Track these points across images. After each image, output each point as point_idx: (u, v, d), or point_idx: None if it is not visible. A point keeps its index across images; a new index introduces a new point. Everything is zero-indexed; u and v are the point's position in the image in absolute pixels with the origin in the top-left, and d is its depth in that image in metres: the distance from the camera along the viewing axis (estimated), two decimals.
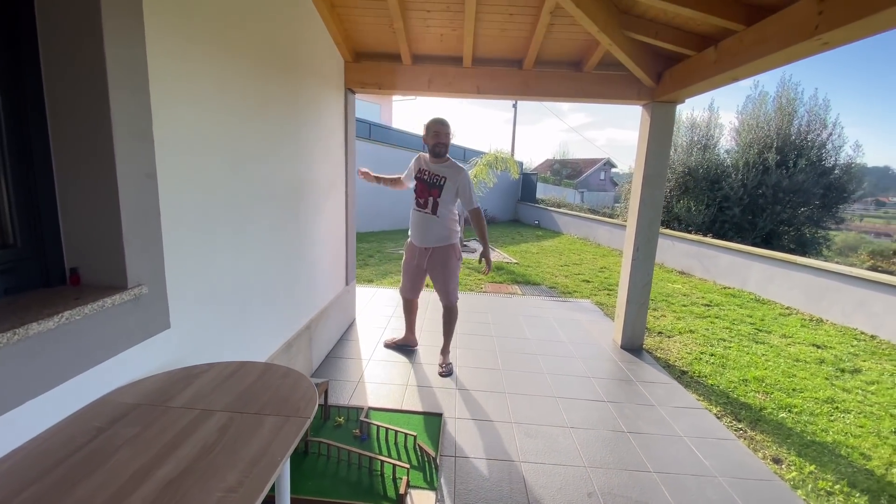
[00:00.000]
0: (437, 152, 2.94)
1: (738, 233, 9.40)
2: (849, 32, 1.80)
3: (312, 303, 2.97)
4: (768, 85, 21.62)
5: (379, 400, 2.71)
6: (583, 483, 2.04)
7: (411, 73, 3.57)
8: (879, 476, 2.26)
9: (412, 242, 3.10)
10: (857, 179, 9.86)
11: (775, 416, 2.80)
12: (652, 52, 3.16)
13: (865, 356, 3.96)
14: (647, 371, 3.33)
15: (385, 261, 7.37)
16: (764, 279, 6.02)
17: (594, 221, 11.44)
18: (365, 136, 11.47)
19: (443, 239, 3.00)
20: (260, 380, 1.36)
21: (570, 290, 5.96)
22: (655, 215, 3.60)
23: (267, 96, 2.17)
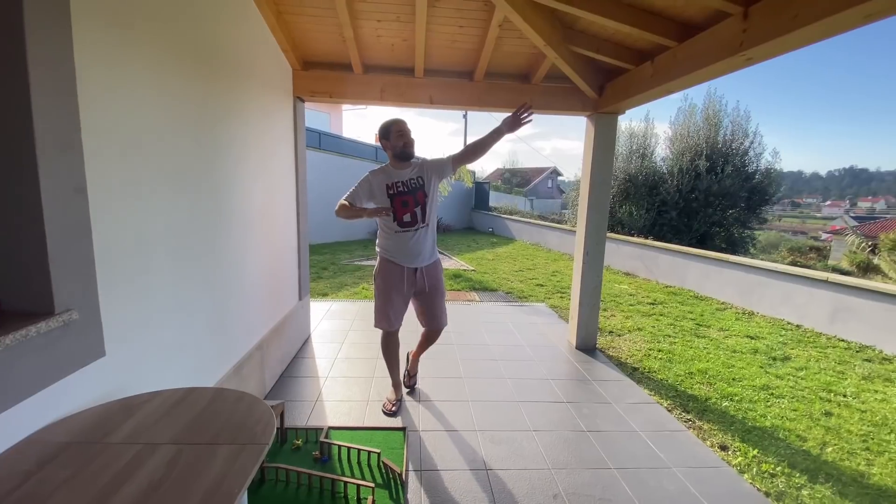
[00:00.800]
0: (408, 154, 2.48)
1: (676, 235, 10.07)
2: (770, 49, 1.98)
3: (263, 321, 2.83)
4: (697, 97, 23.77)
5: (339, 418, 2.61)
6: (548, 485, 2.06)
7: (363, 83, 3.53)
8: (815, 455, 2.46)
9: (396, 265, 2.52)
10: (776, 183, 10.90)
11: (719, 406, 2.99)
12: (595, 66, 3.33)
13: (793, 344, 4.34)
14: (602, 370, 3.46)
15: (339, 273, 7.18)
16: (700, 277, 6.47)
17: (545, 227, 11.82)
18: (315, 145, 11.20)
19: (435, 252, 2.64)
20: (210, 407, 1.26)
21: (526, 294, 6.10)
22: (603, 220, 3.77)
23: (210, 104, 2.06)
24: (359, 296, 5.63)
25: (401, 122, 2.49)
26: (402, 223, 2.48)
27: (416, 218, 2.48)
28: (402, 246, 2.49)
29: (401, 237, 2.48)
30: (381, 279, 2.55)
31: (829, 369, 3.70)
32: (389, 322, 2.55)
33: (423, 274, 2.55)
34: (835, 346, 4.28)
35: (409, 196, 2.47)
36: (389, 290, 2.52)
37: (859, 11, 1.54)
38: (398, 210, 2.46)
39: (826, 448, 2.52)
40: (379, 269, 2.57)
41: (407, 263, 2.51)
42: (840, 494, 2.11)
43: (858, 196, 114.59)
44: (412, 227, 2.48)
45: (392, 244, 2.52)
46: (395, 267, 2.52)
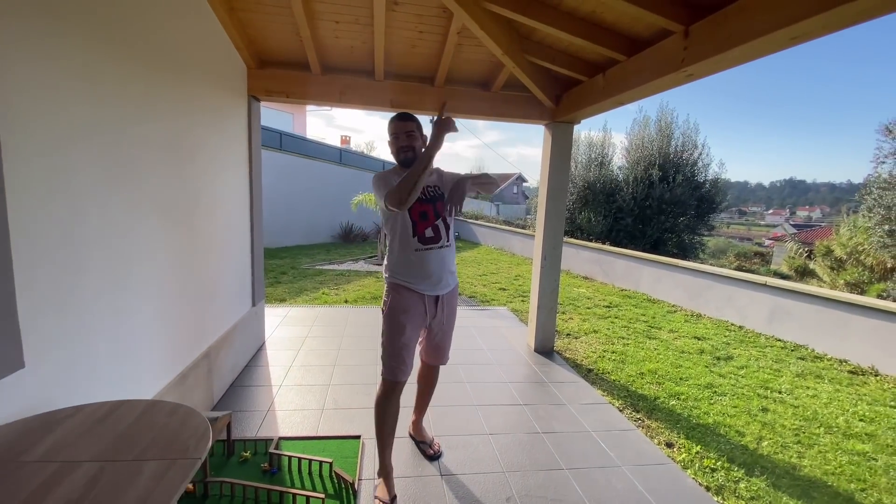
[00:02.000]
0: (402, 163, 2.00)
1: (632, 240, 10.51)
2: (709, 66, 2.10)
3: (211, 328, 2.71)
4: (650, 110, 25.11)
5: (292, 428, 2.53)
6: (502, 489, 2.08)
7: (322, 83, 3.47)
8: (752, 450, 2.61)
9: (414, 294, 1.98)
10: (723, 192, 11.60)
11: (667, 404, 3.12)
12: (551, 77, 3.43)
13: (736, 344, 4.60)
14: (558, 372, 3.54)
15: (299, 277, 6.99)
16: (653, 281, 6.76)
17: (508, 232, 12.01)
18: (275, 146, 10.90)
19: (455, 274, 2.15)
20: (140, 420, 1.19)
21: (489, 298, 6.16)
22: (560, 226, 3.87)
23: (151, 100, 1.95)
24: (318, 301, 5.50)
25: (395, 121, 1.99)
26: (423, 238, 1.97)
27: (439, 233, 2.00)
28: (423, 268, 1.96)
29: (421, 257, 1.95)
30: (397, 312, 1.95)
31: (766, 367, 3.94)
32: (405, 367, 1.96)
33: (443, 303, 2.06)
34: (772, 346, 4.58)
35: (429, 206, 1.99)
36: (405, 326, 1.95)
37: (786, 34, 1.66)
38: (417, 222, 1.96)
39: (762, 442, 2.68)
40: (392, 300, 1.97)
41: (428, 291, 1.99)
42: (773, 486, 2.25)
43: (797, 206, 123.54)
44: (436, 245, 1.98)
45: (409, 266, 1.96)
46: (413, 296, 1.97)
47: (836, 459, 2.50)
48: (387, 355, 1.98)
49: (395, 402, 1.99)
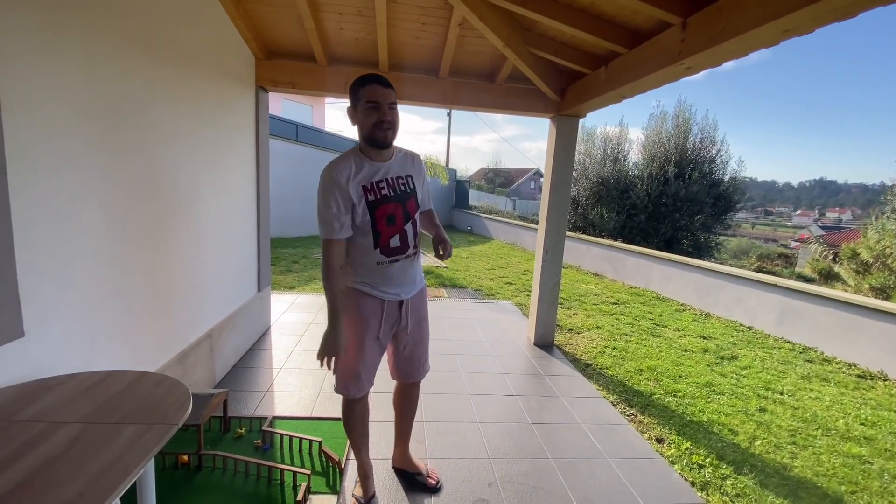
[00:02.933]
0: (379, 142, 1.57)
1: (644, 238, 10.34)
2: (705, 59, 2.07)
3: (214, 310, 2.81)
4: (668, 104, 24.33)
5: (287, 408, 2.62)
6: (485, 474, 2.12)
7: (327, 74, 3.53)
8: (744, 448, 2.59)
9: (372, 299, 1.68)
10: (741, 191, 11.29)
11: (662, 401, 3.11)
12: (555, 69, 3.41)
13: (742, 345, 4.53)
14: (556, 365, 3.55)
15: (310, 266, 7.13)
16: (664, 279, 6.67)
17: (520, 227, 11.96)
18: (291, 137, 11.07)
19: (422, 274, 1.89)
20: (127, 389, 1.27)
21: (494, 292, 6.18)
22: (562, 220, 3.85)
23: (157, 88, 2.04)
24: None
25: (376, 86, 1.53)
26: (386, 250, 1.63)
27: (406, 242, 1.67)
28: (389, 277, 1.68)
29: (383, 270, 1.66)
30: (351, 320, 1.67)
31: (771, 368, 3.87)
32: (360, 384, 1.72)
33: (407, 307, 1.76)
34: (780, 347, 4.49)
35: (397, 206, 1.63)
36: (363, 336, 1.67)
37: (777, 26, 1.64)
38: (382, 229, 1.61)
39: (755, 441, 2.65)
40: (347, 306, 1.66)
41: (389, 295, 1.69)
42: (761, 485, 2.24)
43: (827, 207, 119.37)
44: (401, 255, 1.67)
45: (376, 275, 1.67)
46: (370, 302, 1.68)
47: (829, 461, 2.47)
48: (342, 371, 1.70)
49: (362, 409, 1.81)
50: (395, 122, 1.57)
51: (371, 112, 1.52)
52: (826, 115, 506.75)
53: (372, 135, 1.55)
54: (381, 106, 1.52)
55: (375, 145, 1.58)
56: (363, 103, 1.52)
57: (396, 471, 2.09)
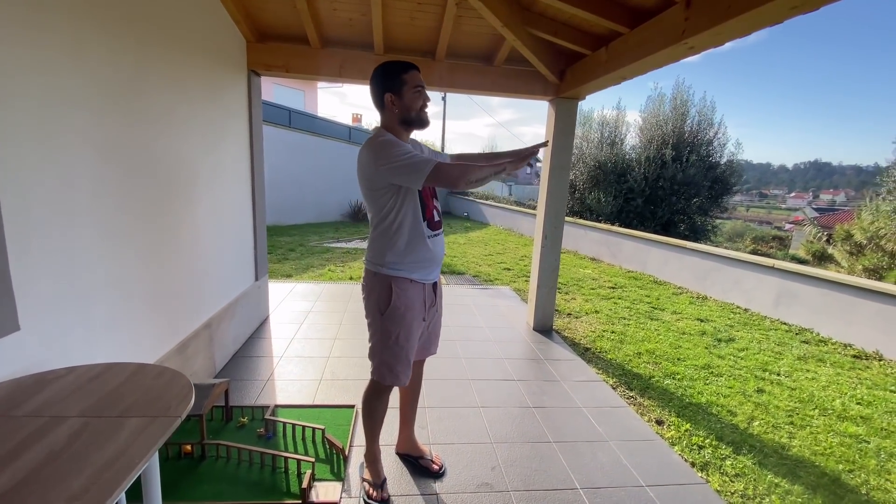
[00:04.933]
0: (425, 121, 1.68)
1: (641, 221, 10.34)
2: (710, 38, 2.03)
3: (213, 300, 2.78)
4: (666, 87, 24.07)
5: (289, 397, 2.62)
6: (488, 458, 2.14)
7: (321, 57, 3.44)
8: (742, 429, 2.62)
9: (418, 286, 1.72)
10: (738, 174, 11.27)
11: (661, 383, 3.13)
12: (554, 50, 3.34)
13: (739, 327, 4.57)
14: (555, 350, 3.57)
15: (307, 255, 7.09)
16: (661, 263, 6.69)
17: (518, 213, 11.93)
18: (284, 123, 10.90)
19: None
20: (128, 381, 1.25)
21: (493, 277, 6.18)
22: (562, 204, 3.83)
23: (147, 74, 1.97)
24: (324, 277, 5.59)
25: (416, 72, 1.64)
26: (432, 223, 1.72)
27: (440, 215, 1.83)
28: (430, 255, 1.71)
29: (431, 244, 1.71)
30: (402, 311, 1.67)
31: (768, 350, 3.91)
32: (406, 373, 1.75)
33: (438, 287, 1.87)
34: (777, 329, 4.53)
35: (431, 189, 1.75)
36: (411, 322, 1.70)
37: (785, 3, 1.60)
38: (427, 202, 1.69)
39: (753, 422, 2.69)
40: (395, 298, 1.65)
41: (429, 278, 1.76)
42: (759, 464, 2.27)
43: (821, 189, 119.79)
44: (440, 229, 1.79)
45: (417, 256, 1.68)
46: (416, 288, 1.71)
47: (826, 440, 2.50)
48: (393, 360, 1.70)
49: (388, 396, 1.84)
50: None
51: (417, 96, 1.63)
52: (822, 97, 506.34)
53: (420, 117, 1.65)
54: (423, 90, 1.65)
55: (420, 126, 1.68)
56: (409, 88, 1.61)
57: (401, 456, 2.10)
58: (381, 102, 1.64)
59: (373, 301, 1.70)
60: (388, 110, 1.63)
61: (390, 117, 1.65)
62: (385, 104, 1.63)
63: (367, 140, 1.64)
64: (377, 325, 1.70)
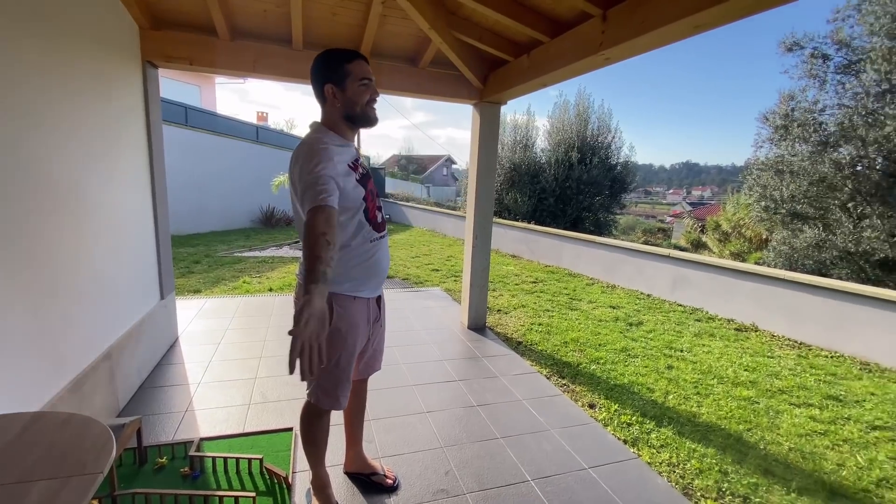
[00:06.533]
0: (373, 118, 1.53)
1: (554, 219, 11.10)
2: (625, 50, 2.21)
3: (110, 326, 2.39)
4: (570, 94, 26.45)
5: (215, 427, 2.34)
6: (440, 463, 2.11)
7: (232, 50, 3.14)
8: (661, 403, 2.90)
9: (362, 302, 1.58)
10: (632, 174, 12.61)
11: (588, 369, 3.37)
12: (479, 55, 3.42)
13: (645, 311, 5.08)
14: (490, 346, 3.66)
15: (216, 266, 6.46)
16: (573, 257, 7.21)
17: (440, 214, 12.07)
18: (180, 121, 9.82)
19: None
20: (23, 436, 1.01)
21: (422, 279, 6.17)
22: (489, 205, 3.94)
23: (23, 65, 1.62)
24: (239, 290, 5.13)
25: (363, 62, 1.49)
26: (375, 224, 1.56)
27: (383, 218, 1.65)
28: (376, 263, 1.57)
29: (376, 249, 1.56)
30: (345, 335, 1.53)
31: (670, 330, 4.41)
32: (346, 396, 1.61)
33: (382, 300, 1.75)
34: (675, 310, 5.13)
35: (371, 183, 1.60)
36: (354, 342, 1.57)
37: (689, 22, 1.79)
38: (370, 204, 1.53)
39: (668, 396, 3.00)
40: (339, 320, 1.50)
41: (374, 292, 1.62)
42: (679, 434, 2.53)
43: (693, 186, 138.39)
44: (384, 231, 1.63)
45: (361, 266, 1.53)
46: (361, 307, 1.57)
47: (727, 405, 2.88)
48: (332, 384, 1.55)
49: (328, 419, 1.69)
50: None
51: (364, 90, 1.48)
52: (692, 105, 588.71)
53: (365, 113, 1.50)
54: (372, 83, 1.50)
55: (366, 124, 1.53)
56: (354, 80, 1.46)
57: (350, 475, 1.99)
58: (322, 94, 1.49)
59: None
60: (330, 104, 1.49)
61: (332, 112, 1.50)
62: (326, 97, 1.48)
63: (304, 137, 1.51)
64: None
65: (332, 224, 1.27)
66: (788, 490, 2.08)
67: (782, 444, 2.47)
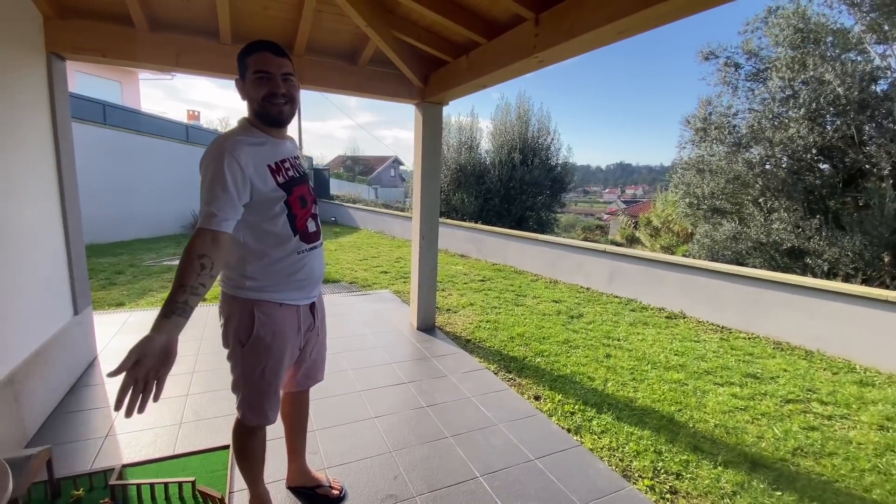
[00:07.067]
0: (278, 119, 1.41)
1: (500, 219, 11.37)
2: (557, 53, 2.30)
3: (15, 346, 2.13)
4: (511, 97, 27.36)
5: (140, 452, 2.15)
6: (389, 469, 2.08)
7: (152, 43, 2.91)
8: (601, 391, 3.05)
9: (290, 309, 1.49)
10: (571, 174, 13.20)
11: (533, 362, 3.47)
12: (419, 55, 3.42)
13: (585, 303, 5.32)
14: (440, 346, 3.67)
15: (141, 276, 5.96)
16: (518, 254, 7.42)
17: (388, 215, 11.95)
18: (97, 119, 8.97)
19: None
20: None
21: (370, 282, 6.06)
22: (435, 206, 3.95)
23: None
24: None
25: (265, 53, 1.36)
26: (305, 235, 1.46)
27: (318, 226, 1.55)
28: (307, 274, 1.49)
29: (304, 261, 1.47)
30: (268, 340, 1.43)
31: (608, 321, 4.65)
32: (275, 410, 1.52)
33: (318, 307, 1.65)
34: (612, 302, 5.42)
35: (304, 187, 1.48)
36: (282, 352, 1.47)
37: (613, 28, 1.90)
38: (298, 212, 1.43)
39: (607, 384, 3.16)
40: (259, 325, 1.41)
41: (305, 299, 1.53)
42: (617, 419, 2.67)
43: (626, 185, 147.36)
44: (317, 241, 1.53)
45: (286, 275, 1.44)
46: (288, 314, 1.48)
47: (660, 389, 3.08)
48: (257, 397, 1.46)
49: (264, 434, 1.58)
50: (292, 96, 1.41)
51: (260, 84, 1.35)
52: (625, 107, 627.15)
53: (263, 109, 1.38)
54: (273, 76, 1.36)
55: (269, 122, 1.41)
56: (251, 73, 1.36)
57: (293, 490, 1.90)
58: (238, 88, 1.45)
59: (231, 330, 1.43)
60: (245, 101, 1.42)
61: (248, 109, 1.43)
62: (239, 92, 1.43)
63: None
64: (237, 358, 1.45)
65: (219, 247, 1.23)
66: (715, 464, 2.26)
67: (709, 421, 2.68)
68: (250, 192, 1.31)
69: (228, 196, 1.25)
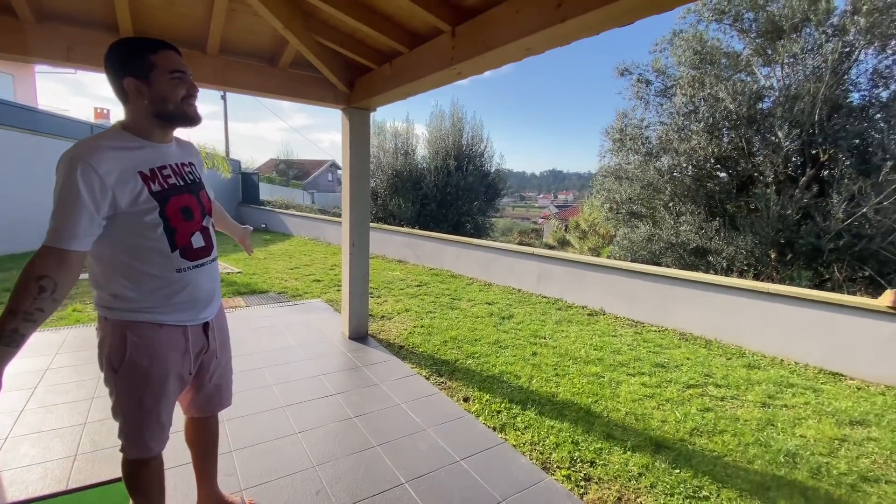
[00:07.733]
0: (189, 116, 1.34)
1: (437, 224, 11.50)
2: (472, 66, 2.39)
3: None
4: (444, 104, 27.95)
5: (26, 490, 1.91)
6: (311, 484, 2.02)
7: (38, 35, 2.62)
8: (526, 388, 3.18)
9: (173, 330, 1.36)
10: (504, 180, 13.68)
11: (465, 364, 3.54)
12: (343, 60, 3.38)
13: (516, 304, 5.53)
14: (372, 354, 3.63)
15: None
16: (454, 259, 7.55)
17: (323, 221, 11.60)
18: None
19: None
20: None
21: (301, 292, 5.85)
22: (365, 211, 3.91)
23: None
24: (67, 321, 4.27)
25: (172, 53, 1.30)
26: (189, 251, 1.35)
27: (210, 240, 1.44)
28: (189, 293, 1.36)
29: (188, 280, 1.35)
30: (146, 369, 1.31)
31: (536, 320, 4.86)
32: (158, 439, 1.39)
33: (213, 328, 1.51)
34: (540, 302, 5.68)
35: (190, 197, 1.37)
36: (163, 377, 1.34)
37: (520, 45, 2.01)
38: (178, 225, 1.32)
39: (532, 381, 3.30)
40: (131, 348, 1.29)
41: (192, 319, 1.40)
42: (540, 414, 2.80)
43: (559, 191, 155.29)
44: (207, 257, 1.42)
45: (162, 293, 1.31)
46: (171, 336, 1.35)
47: (580, 382, 3.28)
48: (134, 427, 1.34)
49: (158, 468, 1.46)
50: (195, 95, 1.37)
51: (178, 84, 1.29)
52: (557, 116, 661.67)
53: (184, 111, 1.32)
54: (187, 76, 1.32)
55: (186, 122, 1.34)
56: (162, 73, 1.27)
57: None
58: (122, 90, 1.26)
59: (104, 353, 1.31)
60: (134, 101, 1.27)
61: (137, 110, 1.28)
62: (127, 92, 1.26)
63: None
64: (112, 385, 1.32)
65: (67, 267, 1.15)
66: (625, 449, 2.44)
67: (621, 410, 2.89)
68: (112, 204, 1.19)
69: (81, 210, 1.15)
